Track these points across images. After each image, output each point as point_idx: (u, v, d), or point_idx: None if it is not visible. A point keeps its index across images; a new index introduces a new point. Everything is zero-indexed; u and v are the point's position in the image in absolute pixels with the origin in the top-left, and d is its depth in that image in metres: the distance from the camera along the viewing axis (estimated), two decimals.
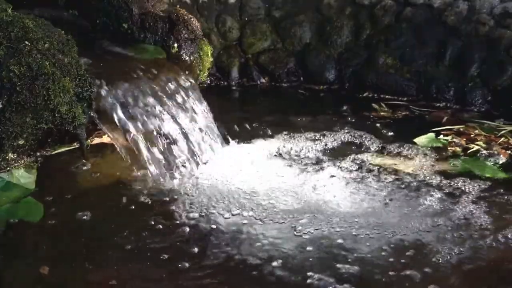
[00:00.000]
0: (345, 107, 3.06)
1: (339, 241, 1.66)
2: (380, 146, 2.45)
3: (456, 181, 2.08)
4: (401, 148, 2.42)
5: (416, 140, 2.50)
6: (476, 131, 2.67)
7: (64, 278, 1.48)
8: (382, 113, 3.01)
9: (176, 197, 1.93)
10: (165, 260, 1.56)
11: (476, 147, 2.44)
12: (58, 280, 1.46)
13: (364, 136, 2.57)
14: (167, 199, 1.91)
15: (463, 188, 2.03)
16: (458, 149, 2.44)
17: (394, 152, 2.38)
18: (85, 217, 1.78)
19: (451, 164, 2.27)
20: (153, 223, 1.75)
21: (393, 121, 2.88)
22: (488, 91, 3.15)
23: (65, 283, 1.46)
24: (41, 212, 1.80)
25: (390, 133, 2.64)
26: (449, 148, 2.44)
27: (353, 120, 2.83)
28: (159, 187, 1.99)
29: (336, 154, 2.35)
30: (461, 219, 1.80)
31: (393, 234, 1.70)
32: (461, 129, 2.69)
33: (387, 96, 3.33)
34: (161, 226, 1.74)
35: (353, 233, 1.71)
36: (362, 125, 2.73)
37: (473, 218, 1.81)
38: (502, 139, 2.55)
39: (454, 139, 2.53)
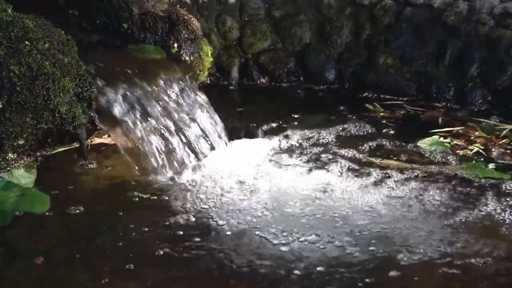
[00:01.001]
0: (345, 107, 3.06)
1: None
2: (386, 147, 2.45)
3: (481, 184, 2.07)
4: (409, 150, 2.42)
5: (420, 142, 2.49)
6: (477, 132, 2.65)
7: (61, 275, 1.48)
8: (381, 113, 3.01)
9: (176, 197, 1.92)
10: (159, 261, 1.56)
11: (476, 149, 2.43)
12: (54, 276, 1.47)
13: (367, 137, 2.57)
14: (168, 198, 1.91)
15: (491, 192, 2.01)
16: (468, 152, 2.41)
17: (403, 155, 2.37)
18: (84, 216, 1.78)
19: (465, 167, 2.24)
20: (151, 222, 1.75)
21: (394, 122, 2.87)
22: (488, 91, 3.15)
23: (61, 281, 1.47)
24: (47, 203, 1.81)
25: (394, 134, 2.63)
26: (457, 152, 2.41)
27: (354, 121, 2.81)
28: (160, 186, 1.99)
29: (343, 155, 2.35)
30: None
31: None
32: (460, 131, 2.68)
33: (387, 96, 3.33)
34: (158, 225, 1.73)
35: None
36: (364, 126, 2.72)
37: None
38: (505, 140, 2.54)
39: (456, 141, 2.52)
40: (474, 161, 2.31)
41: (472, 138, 2.59)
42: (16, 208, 1.77)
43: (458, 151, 2.42)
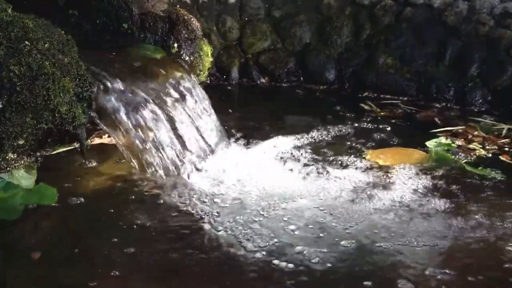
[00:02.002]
0: (345, 107, 3.06)
1: None
2: (388, 147, 2.44)
3: None
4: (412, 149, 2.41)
5: (427, 143, 2.47)
6: (476, 132, 2.66)
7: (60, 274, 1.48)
8: (381, 113, 3.01)
9: (176, 195, 1.93)
10: (156, 260, 1.56)
11: (476, 148, 2.44)
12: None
13: (369, 136, 2.58)
14: (167, 196, 1.92)
15: None
16: (480, 153, 2.40)
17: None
18: (84, 216, 1.78)
19: (466, 167, 2.23)
20: (149, 222, 1.75)
21: (393, 121, 2.87)
22: (488, 91, 3.15)
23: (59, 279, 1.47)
24: (55, 196, 1.85)
25: (395, 134, 2.63)
26: (462, 152, 2.40)
27: (354, 120, 2.82)
28: (160, 185, 1.99)
29: (345, 155, 2.35)
30: None
31: None
32: (460, 130, 2.69)
33: (387, 96, 3.34)
34: (157, 225, 1.74)
35: None
36: (364, 126, 2.74)
37: None
38: (505, 139, 2.54)
39: (458, 142, 2.52)
40: (472, 161, 2.31)
41: (470, 137, 2.59)
42: (25, 202, 1.81)
43: (463, 151, 2.41)
